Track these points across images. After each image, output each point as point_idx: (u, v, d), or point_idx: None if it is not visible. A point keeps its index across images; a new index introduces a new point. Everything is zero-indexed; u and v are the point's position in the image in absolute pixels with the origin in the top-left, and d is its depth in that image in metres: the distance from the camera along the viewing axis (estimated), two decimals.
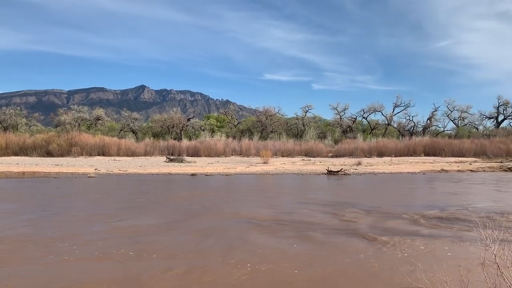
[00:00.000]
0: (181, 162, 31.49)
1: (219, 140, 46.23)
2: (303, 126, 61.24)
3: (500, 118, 64.51)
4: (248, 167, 27.49)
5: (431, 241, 7.55)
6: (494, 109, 64.54)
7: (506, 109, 63.83)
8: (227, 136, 52.76)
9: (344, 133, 60.44)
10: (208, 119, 68.93)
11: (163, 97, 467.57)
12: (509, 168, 26.36)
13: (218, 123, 66.01)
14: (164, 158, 35.01)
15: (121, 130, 57.37)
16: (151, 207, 11.73)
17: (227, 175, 23.05)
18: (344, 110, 63.78)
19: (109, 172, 24.00)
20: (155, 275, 5.47)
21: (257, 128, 60.69)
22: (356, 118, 64.92)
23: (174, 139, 50.81)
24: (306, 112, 64.66)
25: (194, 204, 12.32)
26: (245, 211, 11.01)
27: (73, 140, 39.20)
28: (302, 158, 38.22)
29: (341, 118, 63.44)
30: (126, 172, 24.05)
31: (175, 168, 26.46)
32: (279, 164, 29.98)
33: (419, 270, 3.86)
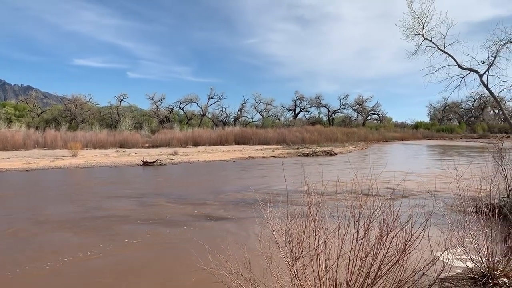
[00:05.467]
0: None
1: (18, 131, 39.69)
2: (118, 115, 58.24)
3: (297, 110, 76.28)
4: (54, 161, 24.39)
5: (223, 223, 8.27)
6: (293, 102, 75.85)
7: (301, 102, 75.94)
8: (28, 127, 46.39)
9: (161, 123, 60.26)
10: (4, 107, 59.06)
11: None
12: (303, 154, 31.20)
13: (17, 112, 57.78)
14: None
15: None
16: None
17: (27, 170, 19.95)
18: (161, 100, 63.66)
19: None
20: None
21: (65, 118, 54.86)
22: (173, 109, 65.67)
23: None
24: (121, 101, 61.71)
25: None
26: (47, 210, 9.76)
27: None
28: (116, 150, 36.21)
29: (158, 108, 63.03)
30: None
31: None
32: (90, 157, 27.59)
33: (208, 252, 4.09)
